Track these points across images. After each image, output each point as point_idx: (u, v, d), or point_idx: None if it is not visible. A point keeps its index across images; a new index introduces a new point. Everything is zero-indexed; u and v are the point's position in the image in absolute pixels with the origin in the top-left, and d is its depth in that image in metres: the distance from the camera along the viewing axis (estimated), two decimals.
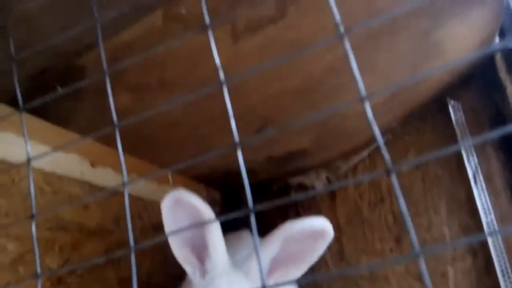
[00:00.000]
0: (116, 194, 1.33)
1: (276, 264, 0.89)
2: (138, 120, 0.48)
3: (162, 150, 1.44)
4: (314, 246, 0.86)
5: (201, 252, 0.87)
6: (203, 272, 0.87)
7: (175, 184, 1.68)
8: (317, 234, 0.85)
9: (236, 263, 0.90)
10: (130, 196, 1.43)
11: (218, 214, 1.72)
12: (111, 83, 0.49)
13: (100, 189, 1.28)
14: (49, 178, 1.11)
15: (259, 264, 0.35)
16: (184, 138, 1.36)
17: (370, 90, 0.33)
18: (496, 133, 0.32)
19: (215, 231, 0.84)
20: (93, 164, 1.26)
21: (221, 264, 0.86)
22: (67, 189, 1.15)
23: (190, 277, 0.88)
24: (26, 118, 1.06)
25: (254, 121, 1.32)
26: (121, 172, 0.48)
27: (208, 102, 1.11)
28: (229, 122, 0.43)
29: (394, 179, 0.31)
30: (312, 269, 0.88)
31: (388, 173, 0.31)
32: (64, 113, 1.15)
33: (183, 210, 0.83)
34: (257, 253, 0.36)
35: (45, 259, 1.05)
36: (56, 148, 1.08)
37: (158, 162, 1.57)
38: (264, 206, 0.40)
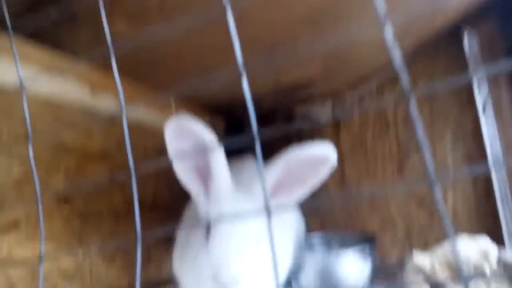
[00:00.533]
0: (119, 119, 1.32)
1: (278, 187, 0.90)
2: (139, 49, 0.45)
3: (165, 79, 1.40)
4: (316, 171, 0.86)
5: (205, 176, 0.88)
6: (207, 195, 0.89)
7: (178, 111, 1.66)
8: (320, 160, 0.85)
9: (240, 186, 0.91)
10: (133, 123, 1.42)
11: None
12: (107, 10, 0.46)
13: (101, 114, 1.27)
14: (48, 105, 1.09)
15: (263, 187, 0.34)
16: (187, 68, 1.31)
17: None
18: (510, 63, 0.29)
19: (218, 156, 0.84)
20: (93, 91, 1.23)
21: (224, 187, 0.87)
22: (67, 116, 1.14)
23: (195, 199, 0.90)
24: (21, 42, 1.02)
25: (259, 50, 1.26)
26: (121, 98, 0.45)
27: (211, 31, 1.05)
28: (233, 52, 0.40)
29: (412, 104, 0.28)
30: (314, 194, 0.90)
31: (406, 98, 0.29)
32: (59, 38, 1.10)
33: (186, 136, 0.82)
34: (261, 176, 0.35)
35: (50, 181, 1.07)
36: (51, 70, 1.04)
37: (160, 88, 1.54)
38: (269, 131, 0.38)
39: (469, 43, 1.48)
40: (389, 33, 0.28)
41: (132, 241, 0.43)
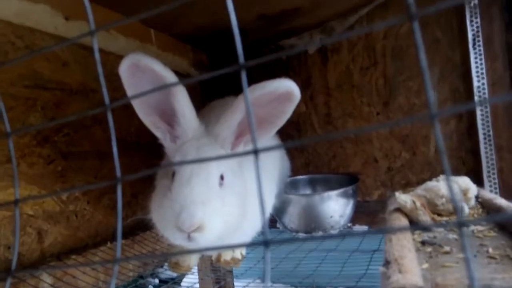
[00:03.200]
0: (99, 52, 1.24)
1: (243, 128, 0.87)
2: None
3: (142, 5, 1.30)
4: (281, 108, 0.83)
5: (169, 118, 0.84)
6: (174, 137, 0.86)
7: (159, 44, 1.58)
8: (283, 97, 0.81)
9: (211, 128, 0.87)
10: (112, 54, 1.34)
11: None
12: None
13: (79, 46, 1.19)
14: (19, 31, 1.01)
15: (250, 122, 0.32)
16: None
17: None
18: None
19: (181, 96, 0.80)
20: (67, 18, 1.15)
21: (191, 129, 0.84)
22: (40, 44, 1.06)
23: (161, 142, 0.87)
24: None
25: None
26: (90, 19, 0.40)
27: None
28: None
29: (416, 26, 0.25)
30: (299, 131, 0.89)
31: (411, 18, 0.26)
32: None
33: (144, 76, 0.75)
34: (249, 116, 0.32)
35: (28, 118, 1.02)
36: None
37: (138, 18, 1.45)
38: (255, 61, 0.35)
39: None
40: None
41: (113, 184, 0.40)
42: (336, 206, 1.25)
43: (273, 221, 1.17)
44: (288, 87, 0.78)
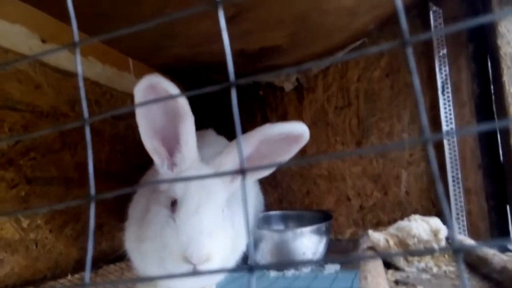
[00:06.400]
0: (71, 76, 1.22)
1: (248, 162, 0.88)
2: None
3: (123, 36, 1.30)
4: (287, 148, 0.87)
5: (171, 144, 0.83)
6: (172, 165, 0.84)
7: (137, 73, 1.57)
8: (293, 138, 0.86)
9: (204, 158, 0.88)
10: (88, 80, 1.32)
11: None
12: None
13: (53, 69, 1.17)
14: None
15: (240, 153, 0.31)
16: (147, 18, 1.23)
17: None
18: (468, 24, 0.28)
19: (189, 123, 0.79)
20: (43, 40, 1.13)
21: (190, 158, 0.83)
22: (13, 64, 1.03)
23: (157, 168, 0.85)
24: None
25: (227, 8, 1.19)
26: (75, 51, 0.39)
27: None
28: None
29: (409, 52, 0.26)
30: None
31: (403, 45, 0.26)
32: None
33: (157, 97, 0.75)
34: (238, 140, 0.32)
35: None
36: None
37: (117, 46, 1.44)
38: (245, 80, 0.35)
39: (434, 19, 1.50)
40: None
41: (84, 205, 0.38)
42: (309, 243, 1.23)
43: (245, 258, 1.13)
44: (302, 130, 0.85)
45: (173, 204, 0.78)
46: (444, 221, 1.08)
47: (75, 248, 1.20)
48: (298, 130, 0.85)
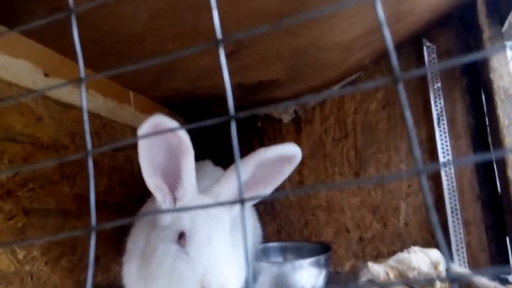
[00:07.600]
0: (72, 108, 1.24)
1: (245, 187, 0.90)
2: (99, 31, 0.41)
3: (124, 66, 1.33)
4: (281, 170, 0.91)
5: (172, 179, 0.84)
6: (174, 199, 0.86)
7: (137, 105, 1.60)
8: (286, 159, 0.89)
9: (202, 189, 0.89)
10: (89, 112, 1.34)
11: None
12: None
13: (54, 101, 1.19)
14: None
15: (239, 179, 0.32)
16: (148, 54, 1.26)
17: (352, 21, 0.28)
18: (461, 60, 0.29)
19: (190, 159, 0.81)
20: (46, 74, 1.15)
21: (191, 191, 0.85)
22: (17, 98, 1.05)
23: (159, 204, 0.85)
24: None
25: (227, 45, 1.23)
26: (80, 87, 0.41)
27: (176, 15, 1.01)
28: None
29: (401, 88, 0.27)
30: (272, 200, 0.91)
31: (395, 81, 0.27)
32: (13, 14, 1.02)
33: (158, 138, 0.78)
34: (237, 171, 0.33)
35: None
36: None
37: (119, 79, 1.47)
38: (243, 113, 0.36)
39: (427, 55, 1.55)
40: (380, 11, 0.26)
41: (83, 236, 0.38)
42: (308, 276, 1.21)
43: None
44: (295, 151, 0.89)
45: (180, 238, 0.79)
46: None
47: (70, 281, 1.17)
48: (292, 151, 0.89)
